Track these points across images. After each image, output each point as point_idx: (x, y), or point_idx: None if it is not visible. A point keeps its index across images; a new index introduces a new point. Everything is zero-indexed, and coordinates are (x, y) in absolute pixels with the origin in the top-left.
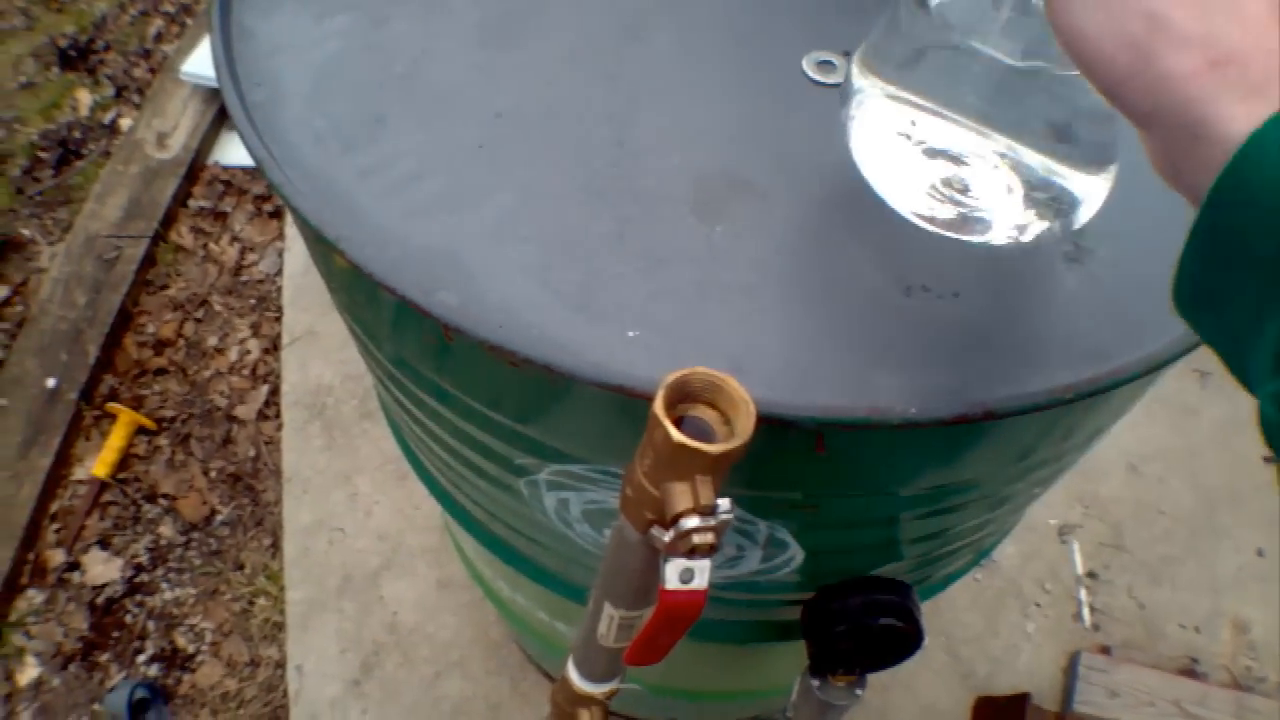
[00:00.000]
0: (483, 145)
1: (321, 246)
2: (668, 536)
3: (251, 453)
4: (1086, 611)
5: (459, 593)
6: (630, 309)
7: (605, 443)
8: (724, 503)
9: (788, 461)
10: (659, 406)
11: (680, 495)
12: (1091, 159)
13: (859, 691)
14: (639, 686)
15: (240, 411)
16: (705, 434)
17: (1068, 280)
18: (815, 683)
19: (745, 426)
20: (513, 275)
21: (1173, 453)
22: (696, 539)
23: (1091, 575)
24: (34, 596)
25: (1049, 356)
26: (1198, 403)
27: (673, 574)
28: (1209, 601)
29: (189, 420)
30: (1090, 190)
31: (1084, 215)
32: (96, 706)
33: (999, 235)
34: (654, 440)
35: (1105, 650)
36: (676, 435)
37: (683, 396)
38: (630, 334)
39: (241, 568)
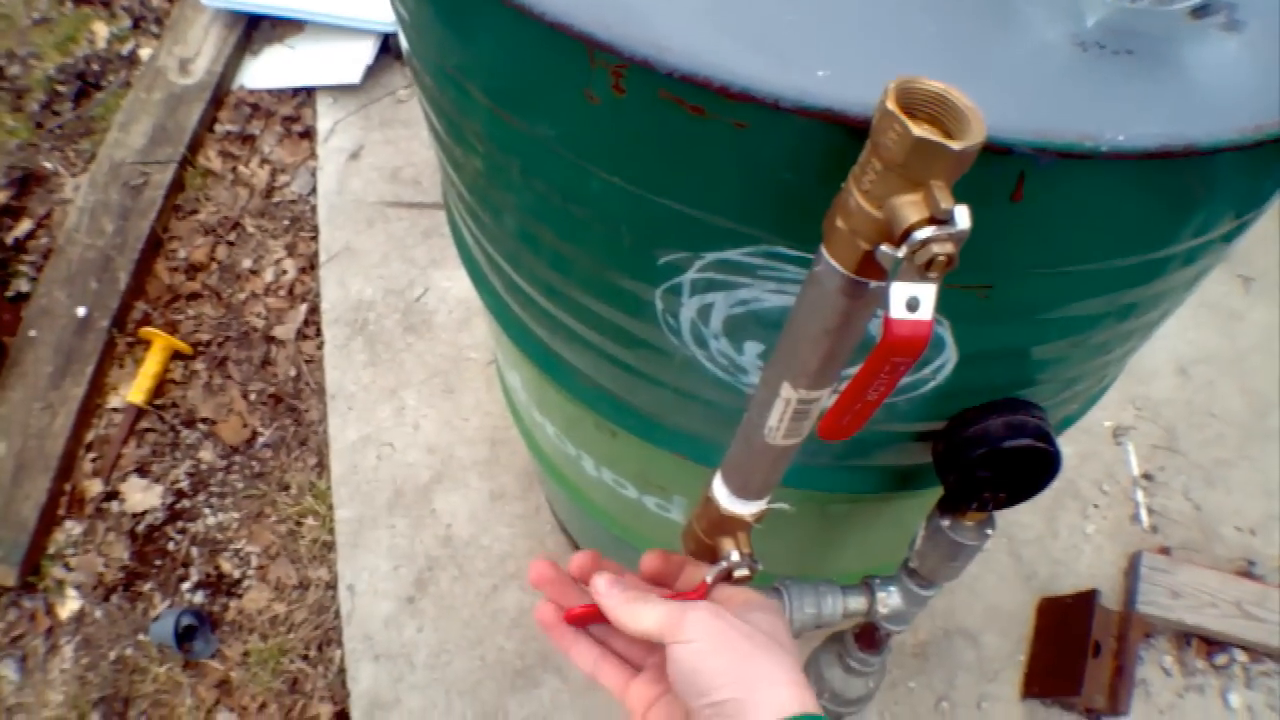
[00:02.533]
0: None
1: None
2: (900, 252)
3: (292, 372)
4: (1144, 513)
5: (513, 504)
6: (817, 52)
7: (785, 206)
8: (961, 210)
9: (976, 218)
10: (892, 103)
11: (913, 206)
12: None
13: (989, 531)
14: (789, 507)
15: (279, 332)
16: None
17: (1229, 46)
18: (945, 522)
19: (978, 131)
20: (690, 19)
21: (1220, 356)
22: (936, 248)
23: (1147, 477)
24: (72, 528)
25: (1224, 109)
26: (1243, 307)
27: (899, 300)
28: (1263, 504)
29: (226, 343)
30: None
31: None
32: (142, 637)
33: None
34: (883, 146)
35: (1165, 551)
36: (917, 129)
37: (905, 107)
38: (820, 73)
39: (287, 489)
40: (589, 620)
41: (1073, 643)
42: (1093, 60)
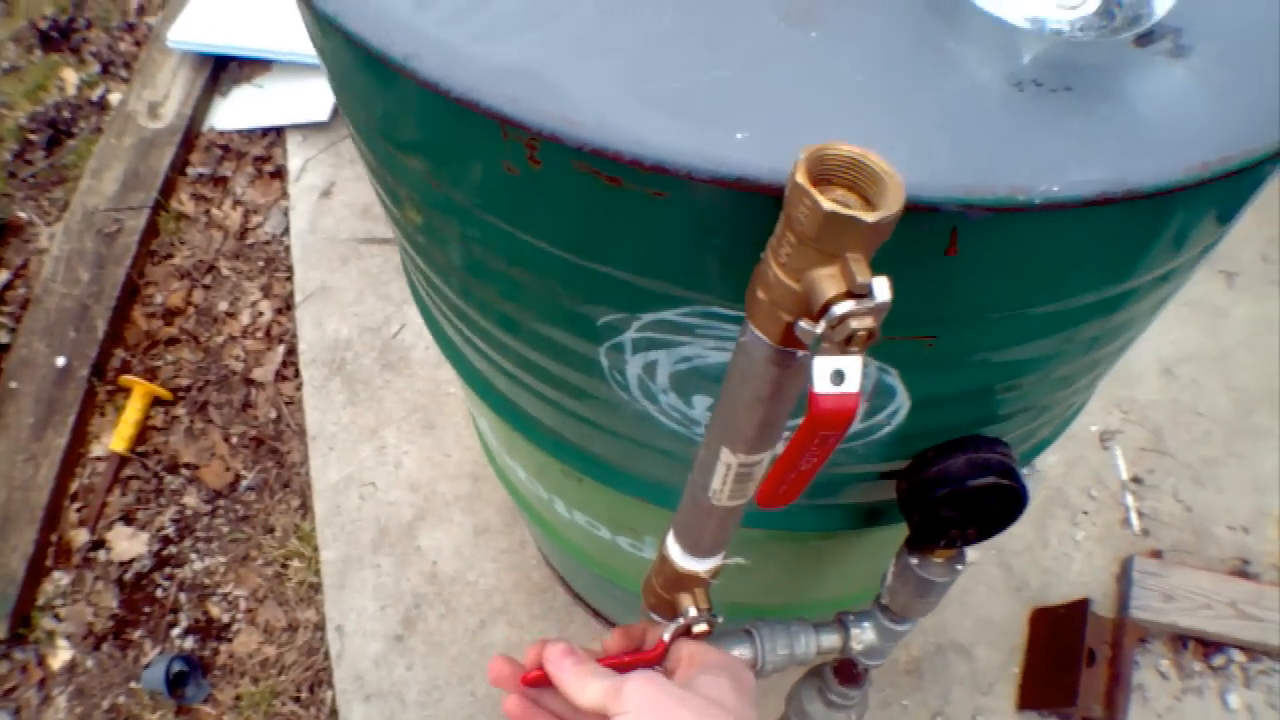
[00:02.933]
0: None
1: (376, 76)
2: (818, 328)
3: (272, 415)
4: (1134, 516)
5: (497, 538)
6: (734, 113)
7: (713, 269)
8: (880, 282)
9: (910, 273)
10: (801, 176)
11: (829, 280)
12: None
13: (959, 567)
14: (744, 561)
15: (257, 374)
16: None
17: (1176, 74)
18: (914, 560)
19: (895, 199)
20: (603, 87)
21: (1205, 355)
22: (854, 324)
23: (1136, 480)
24: (60, 579)
25: (1171, 145)
26: (1226, 303)
27: (822, 374)
28: (1254, 501)
29: (205, 387)
30: None
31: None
32: (134, 684)
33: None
34: (796, 220)
35: (1157, 554)
36: (827, 203)
37: (819, 176)
38: (739, 135)
39: (271, 531)
40: (544, 684)
41: (1066, 652)
42: (1029, 100)
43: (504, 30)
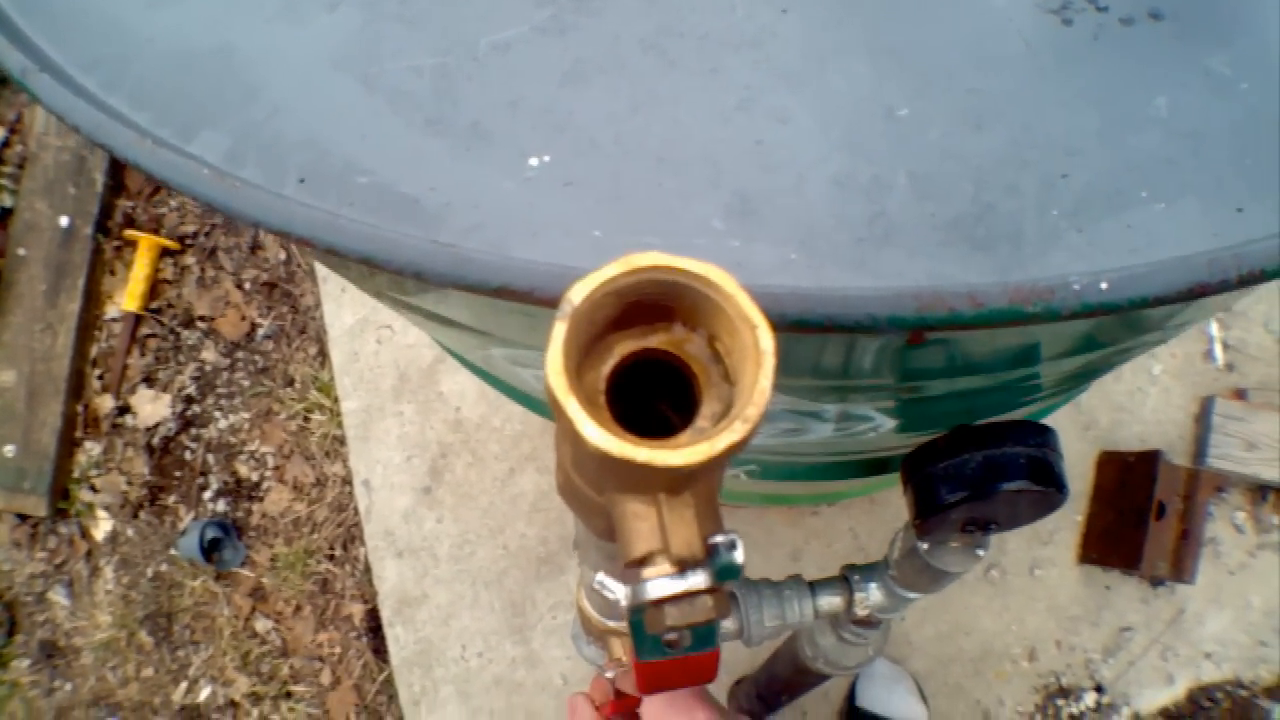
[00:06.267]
0: None
1: None
2: (624, 598)
3: (282, 256)
4: (1218, 348)
5: None
6: (531, 116)
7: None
8: (725, 540)
9: (865, 360)
10: (554, 376)
11: (637, 528)
12: None
13: (980, 553)
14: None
15: None
16: (678, 392)
17: None
18: (924, 545)
19: (753, 374)
20: (326, 78)
21: None
22: (674, 615)
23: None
24: (91, 448)
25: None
26: None
27: (647, 642)
28: None
29: (213, 232)
30: None
31: None
32: (173, 552)
33: None
34: (566, 434)
35: (1240, 395)
36: (595, 437)
37: (617, 321)
38: (533, 161)
39: (291, 383)
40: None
41: (1133, 506)
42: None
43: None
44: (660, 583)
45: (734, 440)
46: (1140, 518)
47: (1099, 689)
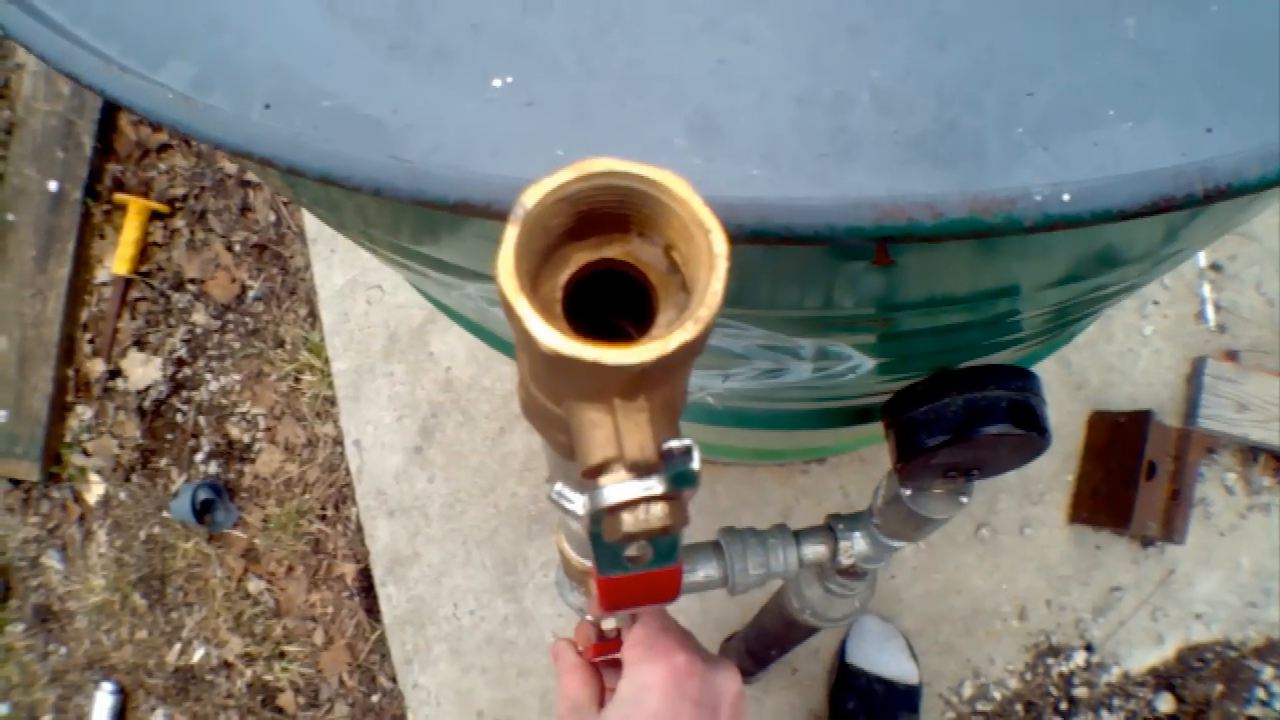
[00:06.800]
0: None
1: None
2: (580, 507)
3: (272, 217)
4: (1210, 310)
5: None
6: (493, 38)
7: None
8: (680, 445)
9: (836, 286)
10: (505, 277)
11: (593, 435)
12: None
13: (964, 499)
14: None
15: (253, 174)
16: (634, 298)
17: None
18: (906, 491)
19: (705, 278)
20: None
21: None
22: (629, 521)
23: (1215, 268)
24: (83, 412)
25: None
26: None
27: (608, 556)
28: None
29: (202, 194)
30: None
31: None
32: (165, 514)
33: None
34: (521, 341)
35: (1232, 356)
36: (545, 337)
37: (575, 230)
38: (495, 83)
39: (282, 344)
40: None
41: (1124, 466)
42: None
43: None
44: (615, 489)
45: (686, 339)
46: (1131, 478)
47: (1089, 648)
